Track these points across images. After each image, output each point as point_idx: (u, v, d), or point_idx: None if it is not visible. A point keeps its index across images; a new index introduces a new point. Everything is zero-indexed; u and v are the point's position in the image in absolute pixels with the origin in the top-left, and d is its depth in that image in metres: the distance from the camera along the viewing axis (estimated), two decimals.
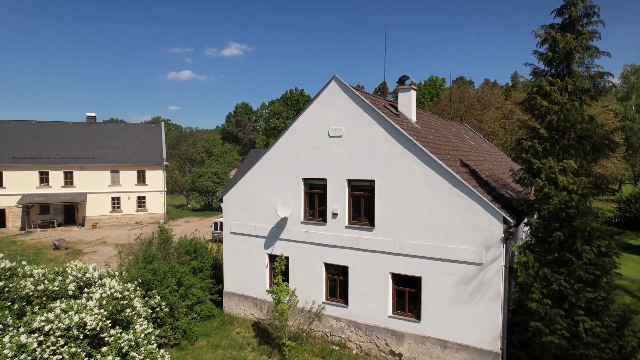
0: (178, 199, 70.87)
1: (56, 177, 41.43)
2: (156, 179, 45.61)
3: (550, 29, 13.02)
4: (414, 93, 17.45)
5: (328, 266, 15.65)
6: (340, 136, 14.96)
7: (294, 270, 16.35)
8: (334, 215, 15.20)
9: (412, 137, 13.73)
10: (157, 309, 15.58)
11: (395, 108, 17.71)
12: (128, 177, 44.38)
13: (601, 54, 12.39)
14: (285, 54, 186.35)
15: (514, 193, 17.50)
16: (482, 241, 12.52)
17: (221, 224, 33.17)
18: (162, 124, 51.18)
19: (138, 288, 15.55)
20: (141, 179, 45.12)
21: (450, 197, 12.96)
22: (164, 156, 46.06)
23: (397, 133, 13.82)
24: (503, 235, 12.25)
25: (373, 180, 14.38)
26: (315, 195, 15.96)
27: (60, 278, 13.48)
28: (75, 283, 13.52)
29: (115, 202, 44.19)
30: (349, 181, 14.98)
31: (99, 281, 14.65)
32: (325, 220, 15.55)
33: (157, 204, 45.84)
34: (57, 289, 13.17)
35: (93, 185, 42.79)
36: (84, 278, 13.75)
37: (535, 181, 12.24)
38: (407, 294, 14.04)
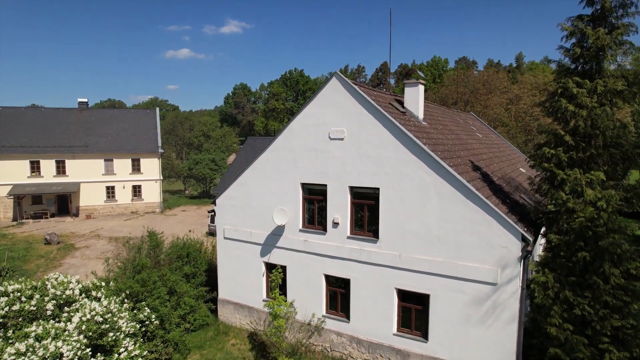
0: (176, 184, 69.78)
1: (48, 166, 40.15)
2: (151, 167, 44.34)
3: (578, 22, 11.57)
4: (421, 88, 16.05)
5: (328, 278, 14.61)
6: (341, 139, 13.67)
7: (292, 280, 15.32)
8: (335, 224, 14.05)
9: (421, 142, 12.44)
10: (147, 322, 14.62)
11: (402, 104, 16.35)
12: (122, 165, 43.10)
13: (637, 51, 10.98)
14: (285, 32, 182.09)
15: (527, 197, 16.34)
16: (498, 260, 11.40)
17: None
18: (157, 109, 49.53)
19: (126, 300, 14.58)
20: (136, 168, 43.85)
21: (463, 211, 11.77)
22: (159, 143, 44.67)
23: (404, 137, 12.53)
24: (521, 254, 11.12)
25: (378, 189, 13.17)
26: (314, 202, 14.78)
27: (38, 296, 12.42)
28: (54, 301, 12.48)
29: (110, 192, 43.06)
30: (351, 188, 13.78)
31: (82, 296, 13.65)
32: (325, 229, 14.42)
33: (152, 193, 44.72)
34: (35, 308, 12.15)
35: (86, 175, 41.55)
36: (64, 296, 12.69)
37: (558, 194, 11.02)
38: (414, 311, 13.03)
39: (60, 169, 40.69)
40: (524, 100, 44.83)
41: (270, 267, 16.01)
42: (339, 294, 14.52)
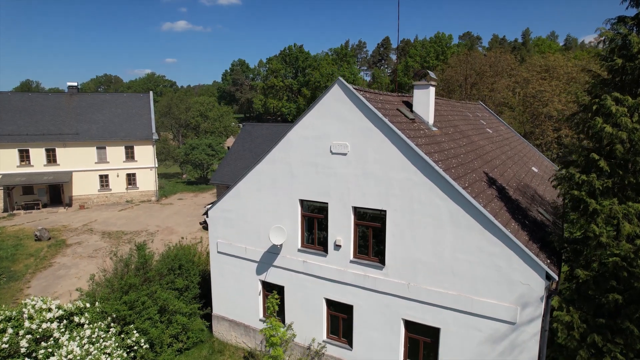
0: (173, 168, 68.39)
1: (37, 155, 38.69)
2: (146, 154, 42.87)
3: (620, 26, 10.03)
4: (432, 90, 14.55)
5: (330, 302, 13.53)
6: (344, 154, 12.28)
7: (291, 301, 14.26)
8: (337, 246, 12.85)
9: (433, 158, 11.09)
10: (135, 347, 13.66)
11: (410, 107, 14.92)
12: (115, 153, 41.62)
13: None
14: (285, 2, 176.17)
15: (545, 209, 15.10)
16: (518, 297, 10.25)
17: None
18: (151, 93, 47.61)
19: (112, 325, 13.56)
20: (130, 155, 42.38)
21: (480, 242, 10.54)
22: (154, 130, 43.04)
23: (415, 156, 11.15)
24: (544, 293, 9.96)
25: (384, 211, 11.89)
26: (314, 220, 13.53)
27: (11, 330, 11.33)
28: (30, 336, 11.41)
29: (104, 181, 41.75)
30: (355, 208, 12.50)
31: (64, 323, 12.60)
32: (326, 251, 13.23)
33: (148, 181, 43.43)
34: (7, 345, 11.09)
35: (78, 163, 40.14)
36: (40, 330, 11.59)
37: (589, 227, 9.76)
38: (422, 344, 11.99)
39: (51, 158, 39.25)
40: (533, 84, 42.89)
41: (267, 285, 14.94)
42: (341, 319, 13.48)
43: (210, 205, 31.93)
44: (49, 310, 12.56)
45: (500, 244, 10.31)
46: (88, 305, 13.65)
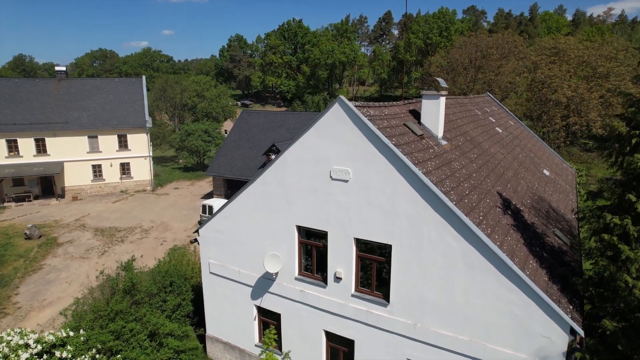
0: (169, 151, 66.95)
1: (26, 145, 37.29)
2: (140, 143, 41.46)
3: None
4: (442, 101, 13.22)
5: (329, 334, 12.63)
6: (346, 181, 11.08)
7: (288, 329, 13.38)
8: (337, 279, 11.83)
9: (447, 194, 9.92)
10: None
11: (418, 117, 13.64)
12: (108, 142, 40.20)
13: None
14: None
15: (561, 229, 14.03)
16: (537, 350, 9.29)
17: (210, 207, 30.00)
18: (143, 77, 45.71)
19: (98, 357, 12.71)
20: (123, 144, 40.97)
21: (496, 288, 9.49)
22: (147, 117, 41.45)
23: (425, 189, 9.96)
24: (567, 349, 8.99)
25: (390, 246, 10.80)
26: (313, 247, 12.46)
27: None
28: None
29: (97, 170, 40.51)
30: (357, 240, 11.40)
31: (44, 358, 11.72)
32: (325, 281, 12.22)
33: (142, 171, 42.18)
34: None
35: (69, 153, 38.79)
36: None
37: (621, 276, 8.69)
38: None
39: (41, 148, 37.87)
40: (542, 69, 41.03)
41: (262, 311, 14.03)
42: (341, 352, 12.62)
43: (206, 203, 30.73)
44: (27, 346, 11.68)
45: (518, 292, 9.28)
46: (72, 333, 12.78)
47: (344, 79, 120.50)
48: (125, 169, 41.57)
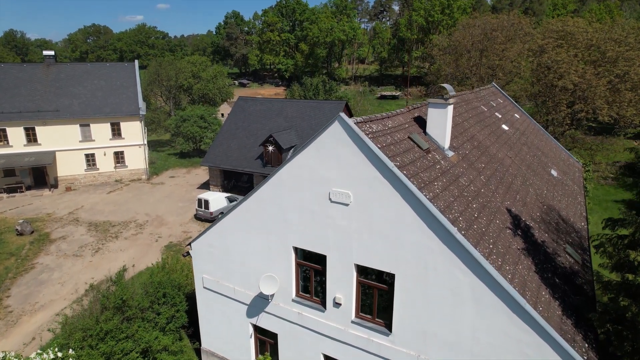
0: (166, 135, 65.73)
1: (16, 134, 36.17)
2: (133, 131, 40.32)
3: None
4: (450, 110, 12.32)
5: (328, 358, 12.11)
6: (346, 204, 10.29)
7: (285, 350, 12.87)
8: (337, 304, 11.21)
9: (455, 223, 9.17)
10: None
11: (423, 125, 12.77)
12: (101, 130, 39.05)
13: None
14: None
15: (572, 243, 13.37)
16: None
17: (206, 201, 29.29)
18: (136, 62, 44.14)
19: None
20: (116, 132, 39.85)
21: (507, 326, 8.86)
22: (140, 105, 40.17)
23: (433, 219, 9.20)
24: None
25: (393, 275, 10.12)
26: (311, 269, 11.79)
27: None
28: None
29: (90, 160, 39.52)
30: (358, 266, 10.71)
31: None
32: (324, 305, 11.61)
33: (137, 159, 41.20)
34: None
35: (61, 142, 37.72)
36: None
37: None
38: None
39: (31, 137, 36.77)
40: (549, 54, 39.56)
41: (259, 329, 13.49)
42: None
43: (201, 197, 29.94)
44: None
45: (530, 332, 8.65)
46: (59, 354, 12.28)
47: (344, 58, 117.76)
48: (119, 157, 40.59)
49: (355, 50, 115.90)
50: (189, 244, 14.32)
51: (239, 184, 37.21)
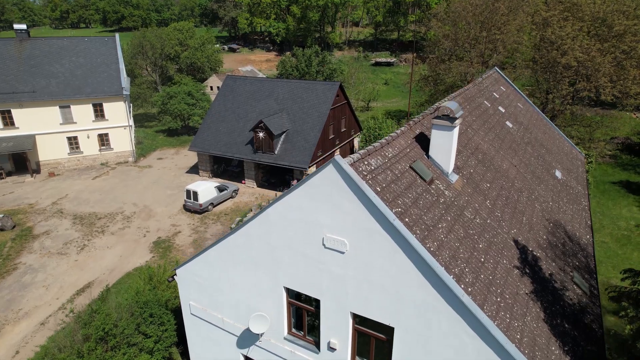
0: (153, 109, 63.40)
1: None
2: (118, 112, 38.41)
3: None
4: (455, 133, 11.19)
5: None
6: (342, 252, 9.36)
7: None
8: (331, 349, 10.53)
9: (463, 287, 8.33)
10: None
11: (427, 147, 11.71)
12: (82, 112, 37.12)
13: None
14: None
15: (577, 267, 12.71)
16: None
17: (194, 192, 28.23)
18: (117, 35, 41.43)
19: None
20: (99, 114, 37.94)
21: None
22: (124, 84, 38.02)
23: (437, 278, 8.32)
24: None
25: (392, 328, 9.37)
26: (304, 310, 11.01)
27: None
28: None
29: (73, 143, 37.82)
30: (354, 314, 9.93)
31: None
32: (318, 347, 10.94)
33: (123, 141, 39.54)
34: None
35: (40, 126, 35.86)
36: None
37: None
38: None
39: (7, 121, 34.85)
40: (553, 28, 37.60)
41: None
42: None
43: (190, 188, 28.79)
44: None
45: None
46: None
47: (337, 21, 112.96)
48: (104, 140, 38.91)
49: (349, 13, 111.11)
50: (175, 269, 13.44)
51: (229, 169, 36.01)
